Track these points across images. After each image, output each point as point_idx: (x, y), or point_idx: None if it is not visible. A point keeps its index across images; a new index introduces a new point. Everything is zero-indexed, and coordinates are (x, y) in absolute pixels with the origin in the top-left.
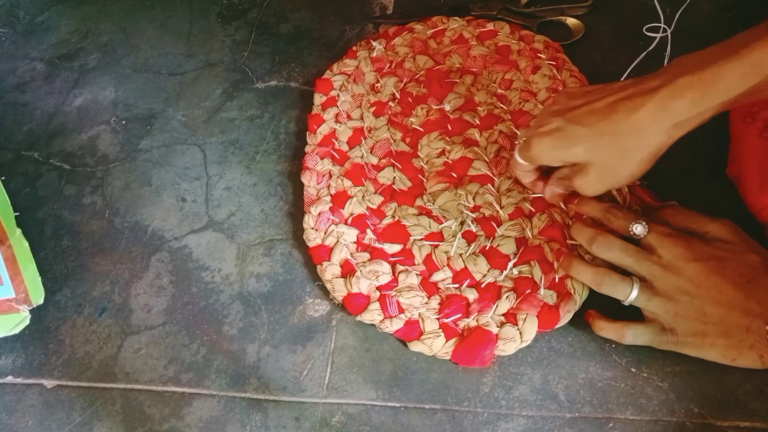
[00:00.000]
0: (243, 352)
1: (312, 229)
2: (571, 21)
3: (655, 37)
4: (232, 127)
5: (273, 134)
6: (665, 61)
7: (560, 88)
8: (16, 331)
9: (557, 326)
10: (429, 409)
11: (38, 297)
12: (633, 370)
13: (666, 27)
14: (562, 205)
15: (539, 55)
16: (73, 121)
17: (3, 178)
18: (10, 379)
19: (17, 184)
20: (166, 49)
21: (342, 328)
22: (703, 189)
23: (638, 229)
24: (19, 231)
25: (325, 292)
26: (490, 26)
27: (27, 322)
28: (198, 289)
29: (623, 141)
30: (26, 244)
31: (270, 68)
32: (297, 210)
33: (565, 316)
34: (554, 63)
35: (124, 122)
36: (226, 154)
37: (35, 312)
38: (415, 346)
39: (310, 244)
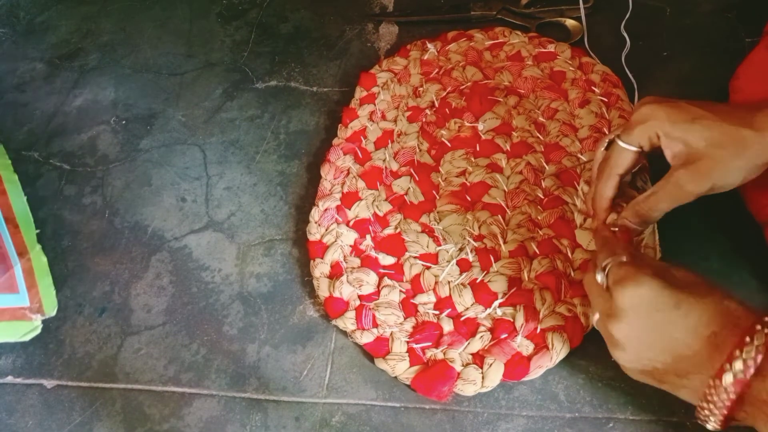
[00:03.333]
0: (243, 352)
1: (315, 223)
2: (570, 22)
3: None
4: (232, 127)
5: (273, 134)
6: (664, 62)
7: (604, 129)
8: (27, 338)
9: (525, 379)
10: (429, 409)
11: (51, 308)
12: None
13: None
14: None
15: (593, 88)
16: (73, 121)
17: (26, 197)
18: (10, 379)
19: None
20: (166, 49)
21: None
22: None
23: (599, 277)
24: (38, 246)
25: None
26: (551, 47)
27: (38, 331)
28: (198, 289)
29: (746, 139)
30: (44, 259)
31: (270, 68)
32: (297, 210)
33: (535, 371)
34: (606, 100)
35: (124, 122)
36: (226, 154)
37: None
38: (380, 364)
39: (310, 238)
